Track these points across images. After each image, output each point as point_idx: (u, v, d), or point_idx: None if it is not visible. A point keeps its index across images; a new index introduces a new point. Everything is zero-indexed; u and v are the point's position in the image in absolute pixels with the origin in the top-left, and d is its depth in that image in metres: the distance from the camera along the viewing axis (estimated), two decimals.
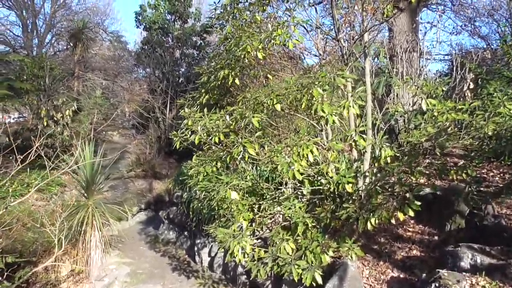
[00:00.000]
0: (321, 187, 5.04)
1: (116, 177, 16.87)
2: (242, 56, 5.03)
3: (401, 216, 4.05)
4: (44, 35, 24.49)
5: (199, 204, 6.42)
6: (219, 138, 4.84)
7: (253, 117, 4.68)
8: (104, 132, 18.19)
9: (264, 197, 5.58)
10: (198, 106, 5.75)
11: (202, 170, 5.22)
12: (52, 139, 14.35)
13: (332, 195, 5.13)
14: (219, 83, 5.44)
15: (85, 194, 7.85)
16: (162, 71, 18.39)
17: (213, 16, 5.56)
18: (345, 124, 5.46)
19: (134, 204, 13.50)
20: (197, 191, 6.51)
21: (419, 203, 4.01)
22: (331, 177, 4.57)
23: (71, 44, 19.15)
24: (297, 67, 6.48)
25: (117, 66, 21.46)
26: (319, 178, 5.21)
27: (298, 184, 5.46)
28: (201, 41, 18.93)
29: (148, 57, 18.39)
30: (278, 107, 4.67)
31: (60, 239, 4.90)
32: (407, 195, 4.08)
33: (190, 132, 5.20)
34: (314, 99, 4.47)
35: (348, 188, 4.41)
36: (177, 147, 5.34)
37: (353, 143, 4.57)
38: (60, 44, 23.99)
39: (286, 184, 5.86)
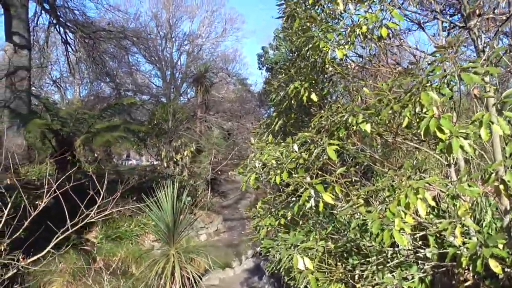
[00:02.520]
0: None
1: (235, 218, 16.03)
2: (316, 58, 3.43)
3: None
4: (180, 84, 26.00)
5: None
6: (281, 177, 3.22)
7: (329, 144, 2.98)
8: (226, 173, 17.76)
9: (362, 260, 3.67)
10: (270, 136, 4.23)
11: (266, 222, 3.62)
12: (171, 179, 14.15)
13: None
14: (292, 102, 3.90)
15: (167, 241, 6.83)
16: None
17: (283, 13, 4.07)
18: (484, 153, 3.30)
19: (249, 247, 12.14)
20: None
21: None
22: (461, 245, 2.53)
23: (194, 88, 19.72)
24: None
25: (241, 108, 21.42)
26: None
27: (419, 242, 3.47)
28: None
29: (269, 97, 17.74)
30: (366, 127, 2.87)
31: None
32: None
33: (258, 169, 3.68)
34: (423, 110, 2.60)
35: (494, 265, 2.32)
36: (243, 188, 3.87)
37: (501, 185, 2.47)
38: (193, 90, 25.23)
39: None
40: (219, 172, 15.42)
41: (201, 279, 9.20)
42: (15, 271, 3.54)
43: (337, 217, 4.02)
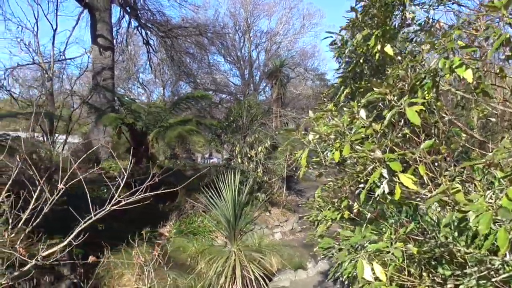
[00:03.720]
0: None
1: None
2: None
3: None
4: (258, 82, 25.67)
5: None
6: (341, 155, 2.34)
7: (410, 104, 2.06)
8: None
9: (457, 272, 2.65)
10: (331, 104, 3.28)
11: (325, 216, 2.75)
12: (245, 176, 13.65)
13: None
14: (361, 62, 2.94)
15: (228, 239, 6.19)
16: None
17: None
18: None
19: None
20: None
21: None
22: None
23: (270, 83, 19.13)
24: None
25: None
26: None
27: None
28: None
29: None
30: (466, 74, 1.89)
31: None
32: None
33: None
34: None
35: None
36: (301, 174, 3.05)
37: None
38: (269, 87, 24.79)
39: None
40: (294, 169, 14.60)
41: (270, 279, 8.49)
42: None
43: (418, 210, 2.99)
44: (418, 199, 2.29)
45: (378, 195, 2.20)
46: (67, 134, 10.60)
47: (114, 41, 17.03)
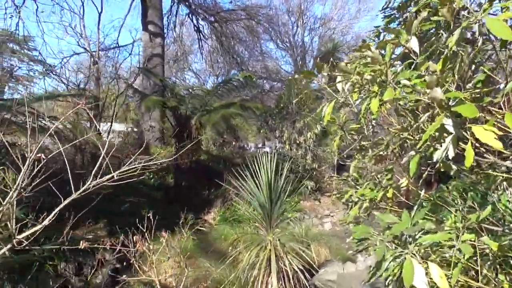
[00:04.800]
0: None
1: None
2: None
3: None
4: (312, 68, 24.71)
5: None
6: (381, 104, 1.58)
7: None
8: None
9: None
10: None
11: (362, 195, 2.00)
12: (294, 163, 12.92)
13: None
14: None
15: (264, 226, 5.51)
16: None
17: None
18: None
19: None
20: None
21: None
22: None
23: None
24: None
25: None
26: None
27: None
28: None
29: None
30: None
31: None
32: None
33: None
34: None
35: None
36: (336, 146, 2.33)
37: None
38: None
39: None
40: (344, 156, 13.60)
41: (316, 271, 7.74)
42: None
43: (489, 195, 2.12)
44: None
45: (436, 160, 1.41)
46: (113, 118, 10.44)
47: (166, 29, 16.88)
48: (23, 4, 12.34)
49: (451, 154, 1.37)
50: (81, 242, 3.06)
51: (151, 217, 4.60)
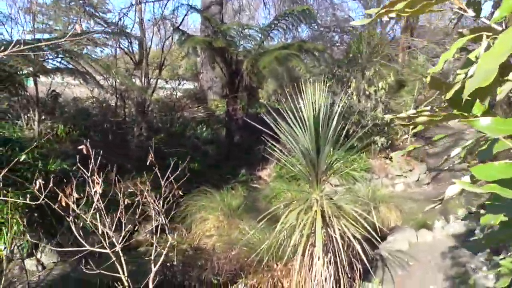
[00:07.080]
0: None
1: (443, 168, 11.83)
2: None
3: None
4: (387, 22, 21.96)
5: None
6: None
7: None
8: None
9: None
10: None
11: None
12: (362, 116, 11.15)
13: None
14: None
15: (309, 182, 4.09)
16: None
17: None
18: None
19: (460, 205, 8.14)
20: None
21: None
22: None
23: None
24: None
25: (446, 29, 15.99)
26: None
27: None
28: None
29: None
30: None
31: None
32: None
33: None
34: None
35: None
36: None
37: None
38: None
39: None
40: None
41: (384, 239, 6.27)
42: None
43: None
44: None
45: None
46: (160, 67, 9.46)
47: None
48: None
49: None
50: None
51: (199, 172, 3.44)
